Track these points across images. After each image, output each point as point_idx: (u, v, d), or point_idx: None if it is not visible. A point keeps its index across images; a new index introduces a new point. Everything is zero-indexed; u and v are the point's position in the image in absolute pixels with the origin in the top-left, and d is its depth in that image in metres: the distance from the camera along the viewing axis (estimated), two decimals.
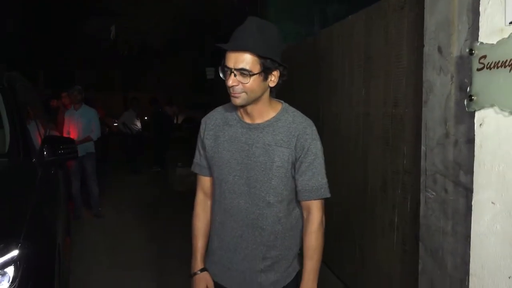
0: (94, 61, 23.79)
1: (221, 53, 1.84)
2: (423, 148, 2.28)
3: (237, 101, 1.82)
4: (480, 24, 1.70)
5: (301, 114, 1.93)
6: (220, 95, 13.44)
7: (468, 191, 1.91)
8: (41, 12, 17.64)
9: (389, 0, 3.04)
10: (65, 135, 6.38)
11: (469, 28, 1.91)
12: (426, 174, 2.25)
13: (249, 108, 1.87)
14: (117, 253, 5.10)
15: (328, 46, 4.23)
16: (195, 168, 2.11)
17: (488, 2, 1.69)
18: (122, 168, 10.84)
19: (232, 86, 1.79)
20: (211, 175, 2.03)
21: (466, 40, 1.92)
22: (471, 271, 1.81)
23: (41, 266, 2.34)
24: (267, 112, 1.89)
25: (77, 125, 6.67)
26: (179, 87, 24.16)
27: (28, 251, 2.18)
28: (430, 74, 2.20)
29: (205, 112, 2.20)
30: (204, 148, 2.02)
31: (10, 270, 2.13)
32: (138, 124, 10.87)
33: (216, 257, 2.01)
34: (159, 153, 11.04)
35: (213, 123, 2.00)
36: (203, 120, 2.05)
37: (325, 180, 1.89)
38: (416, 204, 2.68)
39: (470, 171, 1.85)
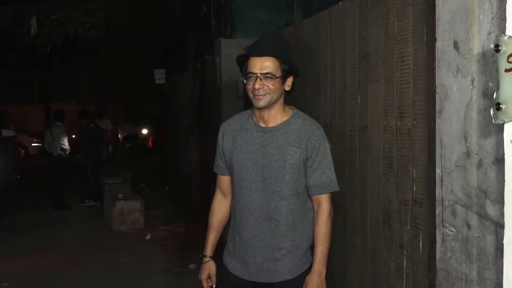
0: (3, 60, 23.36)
1: (172, 52, 2.10)
2: (438, 171, 2.29)
3: (261, 103, 2.59)
4: (508, 13, 1.73)
5: (310, 118, 2.74)
6: (173, 104, 13.38)
7: (497, 226, 1.93)
8: None
9: None
10: None
11: (492, 18, 1.94)
12: (442, 204, 2.26)
13: (266, 113, 2.64)
14: None
15: (313, 39, 4.26)
16: (215, 168, 2.89)
17: None
18: (43, 202, 10.63)
19: (258, 89, 2.56)
20: (228, 174, 2.81)
21: (489, 33, 1.95)
22: None
23: None
24: (280, 116, 2.67)
25: None
26: (119, 94, 23.95)
27: None
28: (444, 76, 2.22)
29: (155, 128, 2.73)
30: (222, 150, 2.79)
31: None
32: (67, 144, 10.68)
33: (235, 253, 2.76)
34: (94, 182, 10.84)
35: (231, 128, 2.78)
36: (221, 126, 2.85)
37: (334, 176, 2.66)
38: (430, 244, 2.69)
39: (499, 200, 1.86)
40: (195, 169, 9.31)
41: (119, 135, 21.13)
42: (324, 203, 2.63)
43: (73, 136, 14.56)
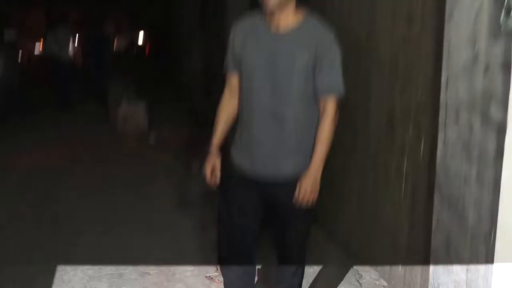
0: None
1: None
2: (444, 75, 2.32)
3: (270, 4, 2.50)
4: None
5: (322, 22, 2.65)
6: (176, 9, 13.10)
7: (500, 128, 1.96)
8: None
9: None
10: None
11: None
12: (446, 107, 2.30)
13: (276, 15, 2.56)
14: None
15: None
16: (225, 67, 2.86)
17: None
18: (46, 103, 10.71)
19: None
20: (238, 74, 2.78)
21: None
22: (499, 224, 1.91)
23: None
24: (291, 20, 2.60)
25: None
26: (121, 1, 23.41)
27: None
28: None
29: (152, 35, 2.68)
30: (233, 50, 2.76)
31: None
32: (71, 46, 10.66)
33: (242, 150, 2.80)
34: (98, 85, 10.84)
35: (243, 29, 2.74)
36: (233, 25, 2.79)
37: (341, 79, 2.63)
38: (431, 147, 2.76)
39: (504, 103, 1.89)
40: (199, 74, 9.29)
41: (114, 42, 21.01)
42: (329, 107, 2.63)
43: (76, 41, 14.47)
